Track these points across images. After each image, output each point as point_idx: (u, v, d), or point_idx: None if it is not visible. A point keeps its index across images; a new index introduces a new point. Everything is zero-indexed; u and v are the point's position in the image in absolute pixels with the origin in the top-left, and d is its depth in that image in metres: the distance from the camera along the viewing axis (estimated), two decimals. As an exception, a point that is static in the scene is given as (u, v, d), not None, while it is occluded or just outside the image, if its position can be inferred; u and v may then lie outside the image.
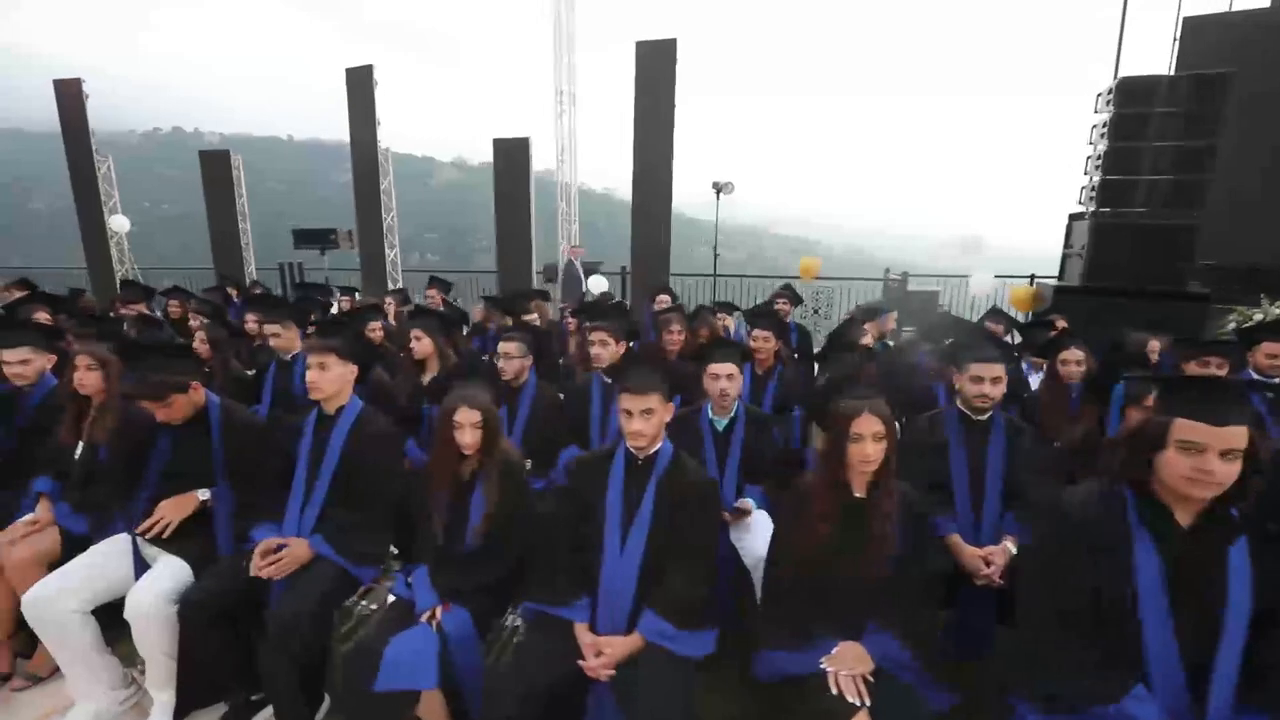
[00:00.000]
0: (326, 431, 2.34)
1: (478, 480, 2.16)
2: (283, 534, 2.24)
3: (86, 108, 8.23)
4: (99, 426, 2.60)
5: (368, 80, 7.85)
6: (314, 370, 2.26)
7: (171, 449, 2.36)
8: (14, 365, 2.77)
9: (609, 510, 1.95)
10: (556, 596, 1.93)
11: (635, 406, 1.88)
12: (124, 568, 2.22)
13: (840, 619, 1.81)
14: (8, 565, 2.30)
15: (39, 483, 2.57)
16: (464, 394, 2.11)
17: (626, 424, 1.90)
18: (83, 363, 2.59)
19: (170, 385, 2.25)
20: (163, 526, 2.20)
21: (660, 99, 6.84)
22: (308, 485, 2.30)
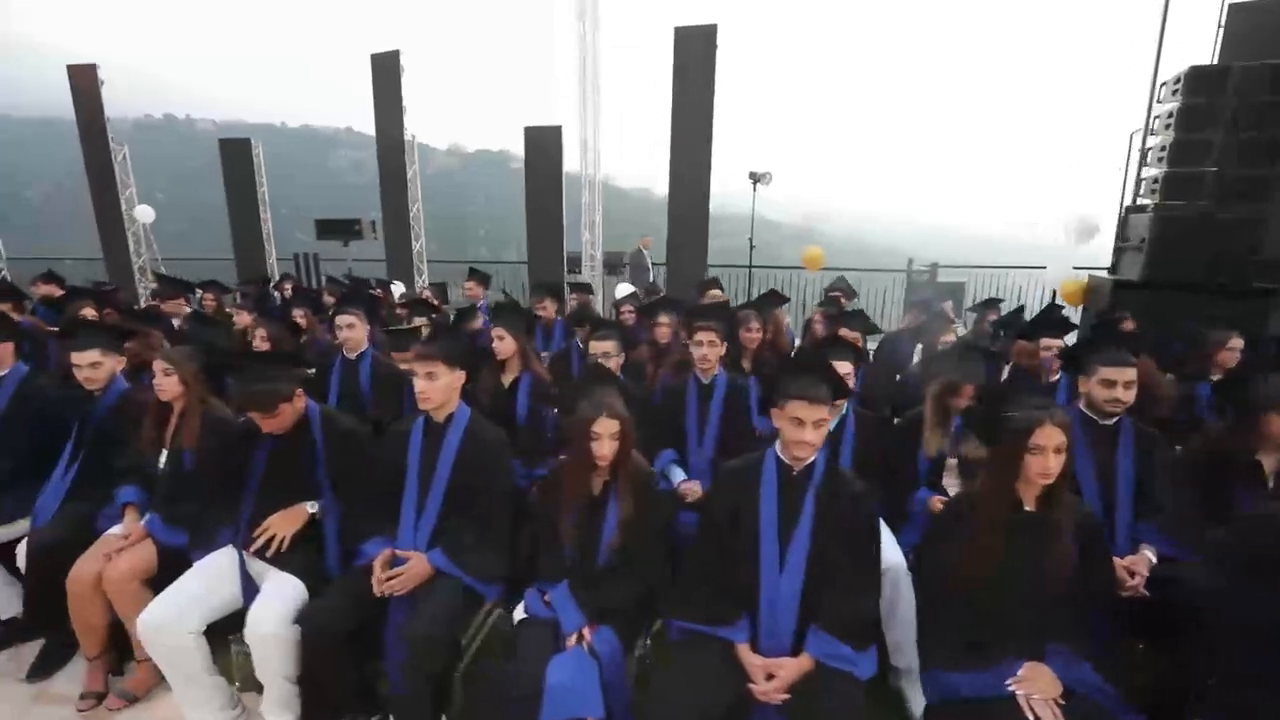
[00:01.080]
0: (436, 440, 2.22)
1: (610, 493, 2.06)
2: (397, 548, 2.12)
3: (102, 95, 7.97)
4: (183, 434, 2.48)
5: (394, 67, 7.61)
6: (422, 380, 2.14)
7: (272, 460, 2.24)
8: (84, 368, 2.64)
9: (764, 523, 1.84)
10: (714, 615, 1.83)
11: (810, 416, 1.76)
12: (233, 585, 2.11)
13: (1016, 638, 1.72)
14: (108, 581, 2.18)
15: (125, 493, 2.44)
16: (602, 401, 1.99)
17: (796, 433, 1.78)
18: (160, 368, 2.46)
19: (281, 395, 2.13)
20: (278, 542, 2.09)
21: (699, 86, 6.68)
22: (420, 497, 2.19)
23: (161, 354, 2.48)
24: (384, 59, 7.67)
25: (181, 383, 2.48)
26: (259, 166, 8.37)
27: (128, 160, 8.61)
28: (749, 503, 1.88)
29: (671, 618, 1.92)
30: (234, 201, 8.44)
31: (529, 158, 7.51)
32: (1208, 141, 4.77)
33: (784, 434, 1.82)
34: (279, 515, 2.13)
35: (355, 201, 70.19)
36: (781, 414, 1.81)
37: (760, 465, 1.93)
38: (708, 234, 7.08)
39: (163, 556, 2.30)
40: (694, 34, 6.66)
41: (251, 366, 2.15)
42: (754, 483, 1.90)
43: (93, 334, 2.73)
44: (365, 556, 2.11)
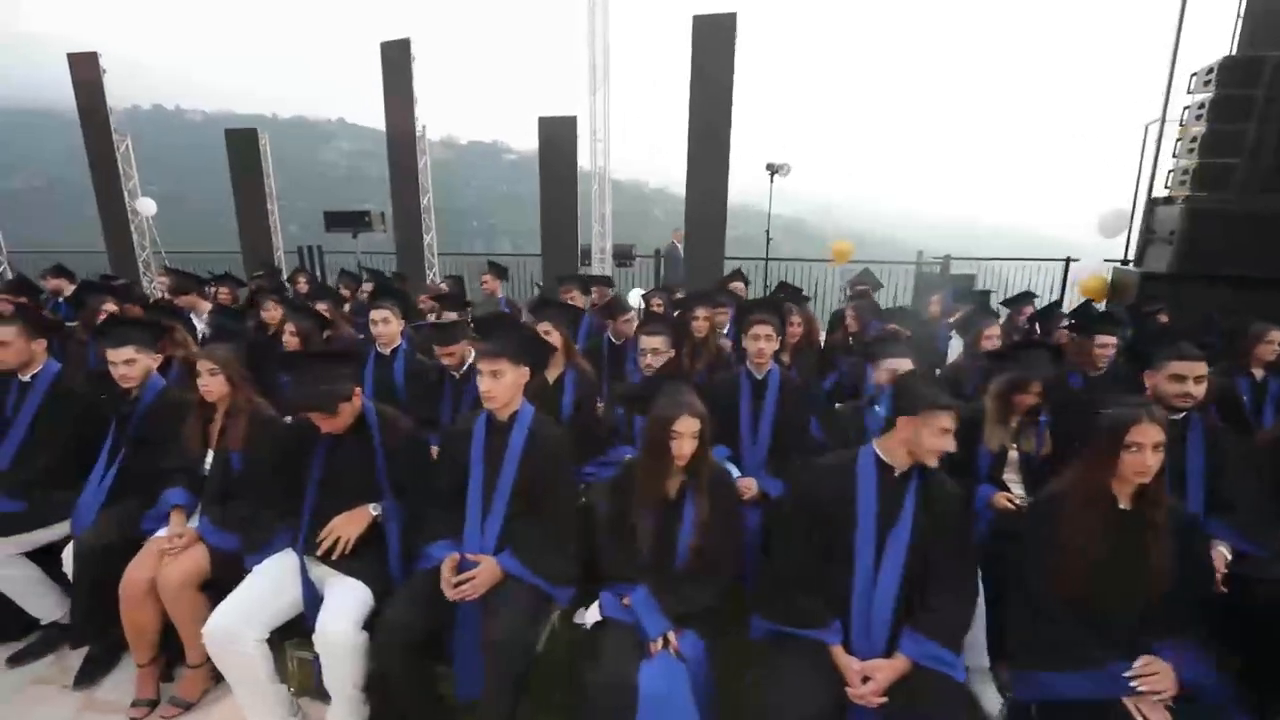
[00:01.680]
0: (501, 439, 2.15)
1: (687, 493, 2.00)
2: (463, 550, 2.06)
3: (104, 84, 7.77)
4: (230, 434, 2.40)
5: (405, 56, 7.46)
6: (488, 380, 2.06)
7: (329, 461, 2.17)
8: (119, 366, 2.55)
9: (862, 523, 1.79)
10: (807, 617, 1.78)
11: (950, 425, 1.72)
12: (294, 590, 2.04)
13: (1118, 638, 1.69)
14: (164, 587, 2.10)
15: (172, 495, 2.36)
16: (683, 399, 1.93)
17: (938, 442, 1.73)
18: (205, 367, 2.37)
19: (341, 394, 2.05)
20: (342, 545, 2.02)
21: (718, 75, 6.57)
22: (486, 497, 2.12)
23: (205, 353, 2.40)
24: (393, 48, 7.51)
25: (228, 382, 2.40)
26: (265, 157, 8.21)
27: (130, 151, 8.42)
28: (844, 501, 1.83)
29: (764, 619, 1.86)
30: (240, 193, 8.28)
31: (543, 148, 7.39)
32: (1241, 132, 4.73)
33: (921, 441, 1.75)
34: (343, 518, 2.06)
35: (352, 194, 69.51)
36: (922, 422, 1.75)
37: (855, 463, 1.87)
38: (725, 226, 7.00)
39: (215, 560, 2.22)
40: (713, 22, 6.56)
41: (311, 366, 2.06)
42: (850, 481, 1.84)
43: (127, 331, 2.63)
44: (430, 560, 2.04)
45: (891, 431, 1.84)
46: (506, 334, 2.12)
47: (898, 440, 1.82)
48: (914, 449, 1.79)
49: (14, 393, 2.73)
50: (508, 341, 2.07)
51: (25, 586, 2.43)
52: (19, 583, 2.42)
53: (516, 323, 2.35)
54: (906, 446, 1.80)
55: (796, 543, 1.87)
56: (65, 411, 2.71)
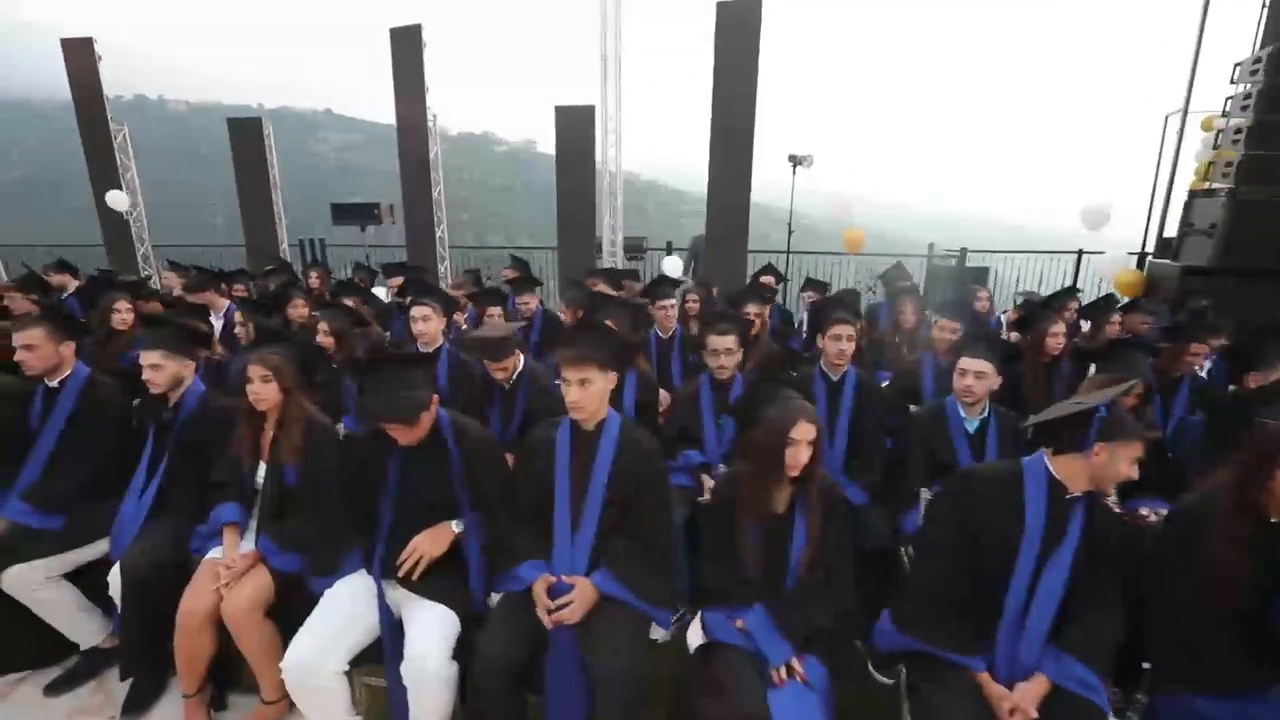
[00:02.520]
0: (588, 450, 2.00)
1: (796, 504, 1.86)
2: (553, 571, 1.91)
3: (100, 71, 7.42)
4: (284, 446, 2.23)
5: (416, 42, 7.21)
6: (576, 389, 1.91)
7: (403, 475, 2.00)
8: (146, 369, 2.37)
9: (1026, 542, 1.66)
10: (956, 640, 1.65)
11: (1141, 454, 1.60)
12: (370, 616, 1.88)
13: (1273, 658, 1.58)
14: (231, 615, 1.94)
15: (225, 511, 2.19)
16: (798, 405, 1.79)
17: (1128, 470, 1.60)
18: (256, 374, 2.20)
19: (423, 403, 1.89)
20: (423, 566, 1.87)
21: (742, 64, 6.39)
22: (574, 513, 1.97)
23: (258, 358, 2.22)
24: (404, 34, 7.25)
25: (281, 390, 2.23)
26: (270, 148, 7.92)
27: (128, 141, 8.09)
28: (1008, 519, 1.69)
29: (906, 634, 1.72)
30: (243, 184, 7.98)
31: (560, 139, 7.18)
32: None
33: (1112, 468, 1.61)
34: (425, 537, 1.90)
35: (342, 186, 68.08)
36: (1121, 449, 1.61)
37: (1022, 480, 1.74)
38: (749, 219, 6.85)
39: (277, 584, 2.06)
40: (738, 9, 6.38)
41: (390, 372, 1.89)
42: (1016, 499, 1.71)
43: (159, 333, 2.44)
44: (520, 581, 1.89)
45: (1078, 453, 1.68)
46: (594, 339, 1.96)
47: (1084, 463, 1.66)
48: (1099, 474, 1.65)
49: (41, 400, 2.54)
50: (596, 347, 1.92)
51: (65, 611, 2.25)
52: (59, 607, 2.23)
53: (604, 326, 2.19)
54: (1092, 470, 1.66)
55: (947, 558, 1.73)
56: (97, 419, 2.52)
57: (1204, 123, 7.37)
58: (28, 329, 2.45)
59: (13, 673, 2.29)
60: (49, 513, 2.34)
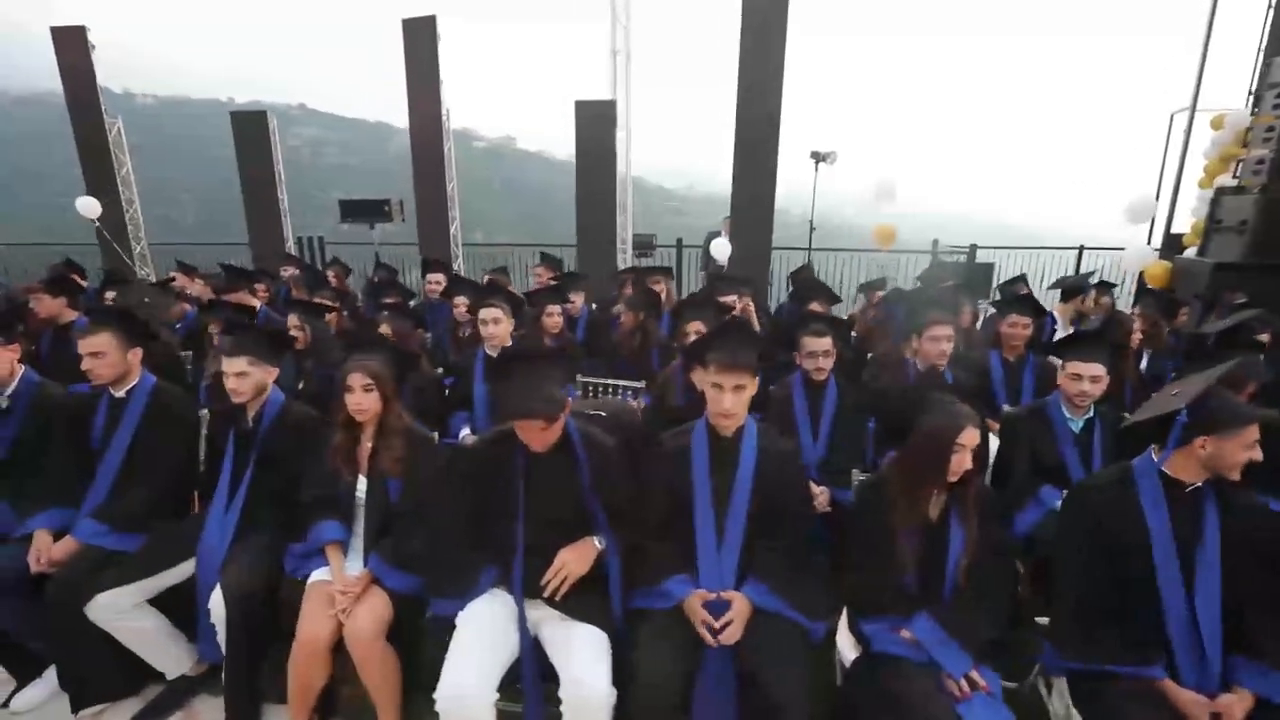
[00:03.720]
0: (729, 457, 1.91)
1: (952, 510, 1.80)
2: (701, 585, 1.82)
3: (94, 62, 7.04)
4: (384, 458, 2.10)
5: (430, 34, 6.98)
6: (730, 396, 1.82)
7: (531, 486, 1.88)
8: (230, 378, 2.21)
9: (1158, 545, 1.62)
10: (1134, 654, 1.60)
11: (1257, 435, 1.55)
12: (510, 638, 1.76)
13: None
14: (356, 642, 1.81)
15: (327, 529, 2.05)
16: (963, 410, 1.72)
17: (1247, 455, 1.55)
18: (358, 382, 2.06)
19: (563, 401, 1.78)
20: (569, 585, 1.76)
21: (769, 56, 6.32)
22: (718, 522, 1.88)
23: (360, 366, 2.08)
24: (417, 25, 7.02)
25: (382, 398, 2.10)
26: (274, 143, 7.63)
27: (122, 135, 7.70)
28: (1129, 523, 1.66)
29: (1071, 659, 1.67)
30: (247, 180, 7.67)
31: (580, 134, 7.03)
32: (1321, 120, 4.72)
33: (1226, 456, 1.57)
34: (571, 553, 1.79)
35: (319, 182, 66.24)
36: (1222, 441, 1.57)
37: (1133, 482, 1.70)
38: (773, 215, 6.79)
39: (395, 606, 1.93)
40: (764, 6, 6.30)
41: (530, 367, 1.77)
42: (1130, 501, 1.67)
43: (243, 339, 2.29)
44: (668, 598, 1.79)
45: (1182, 447, 1.66)
46: (748, 344, 1.86)
47: (1192, 456, 1.64)
48: (1214, 464, 1.62)
49: (105, 411, 2.36)
50: (750, 353, 1.82)
51: (152, 638, 2.09)
52: (146, 634, 2.07)
53: (752, 330, 2.10)
54: (1203, 462, 1.63)
55: (1085, 576, 1.69)
56: (168, 431, 2.36)
57: (1213, 121, 7.51)
58: (95, 334, 2.27)
59: (92, 705, 2.11)
60: (124, 533, 2.18)
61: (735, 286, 3.57)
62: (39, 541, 2.13)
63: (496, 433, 1.94)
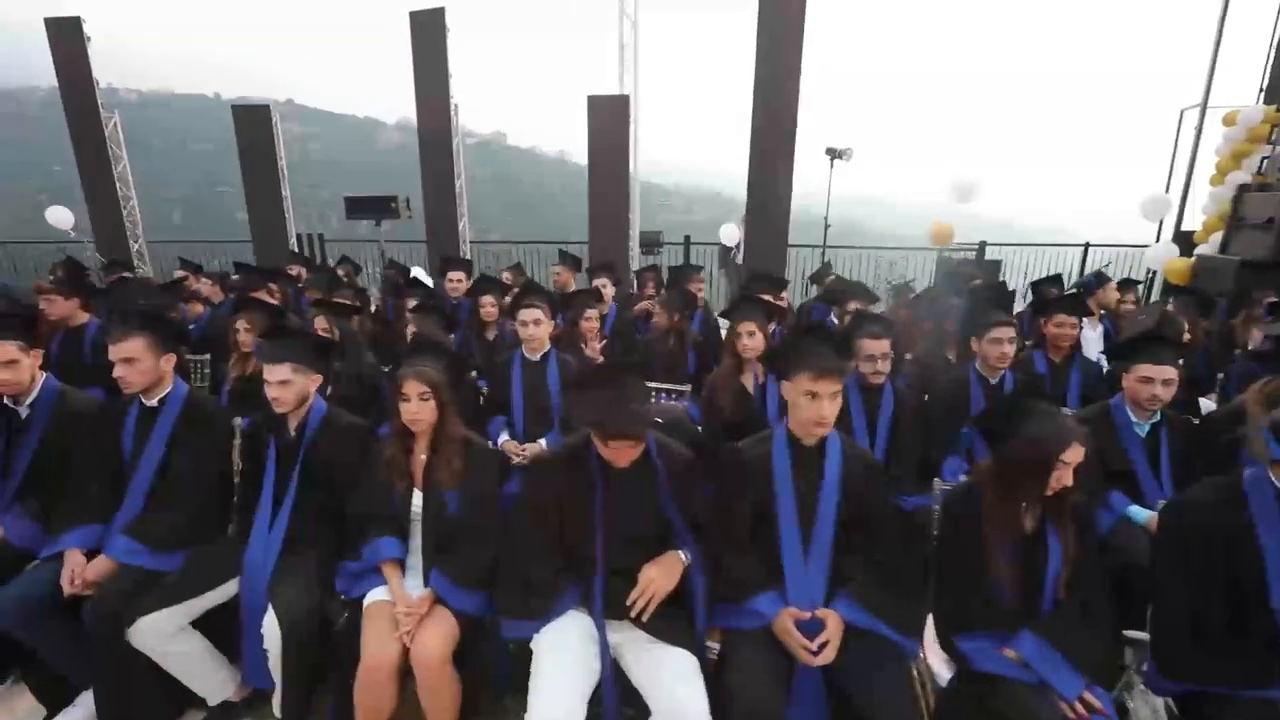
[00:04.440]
0: (812, 467, 1.82)
1: (1047, 524, 1.72)
2: (790, 601, 1.73)
3: (89, 53, 6.80)
4: (442, 470, 1.99)
5: (439, 26, 6.82)
6: (828, 403, 1.73)
7: (608, 501, 1.78)
8: (273, 386, 2.09)
9: (1270, 555, 1.54)
10: (1245, 677, 1.52)
11: None
12: (592, 662, 1.66)
13: None
14: (425, 667, 1.70)
15: (385, 546, 1.94)
16: (1073, 426, 1.64)
17: None
18: (415, 391, 1.95)
19: (649, 416, 1.67)
20: (656, 604, 1.66)
21: (786, 51, 6.22)
22: (804, 537, 1.79)
23: (415, 373, 1.96)
24: (425, 17, 6.85)
25: (439, 407, 1.98)
26: (278, 137, 7.43)
27: (119, 130, 7.47)
28: (1239, 533, 1.57)
29: (1178, 679, 1.60)
30: (250, 177, 7.47)
31: (592, 129, 6.91)
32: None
33: None
34: (656, 570, 1.68)
35: (312, 179, 65.62)
36: None
37: (1243, 498, 1.62)
38: (789, 214, 6.71)
39: (461, 627, 1.82)
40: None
41: (616, 380, 1.66)
42: (1239, 519, 1.58)
43: (287, 344, 2.16)
44: (757, 617, 1.70)
45: None
46: (840, 349, 1.77)
47: None
48: None
49: (135, 421, 2.23)
50: (846, 359, 1.73)
51: (196, 663, 1.96)
52: (190, 659, 1.95)
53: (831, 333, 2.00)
54: None
55: (1194, 592, 1.61)
56: (203, 442, 2.23)
57: (1226, 117, 7.52)
58: (127, 339, 2.13)
59: (129, 735, 1.99)
60: (160, 550, 2.05)
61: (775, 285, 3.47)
62: (72, 561, 2.00)
63: (569, 446, 1.84)
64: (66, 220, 7.67)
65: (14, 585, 1.96)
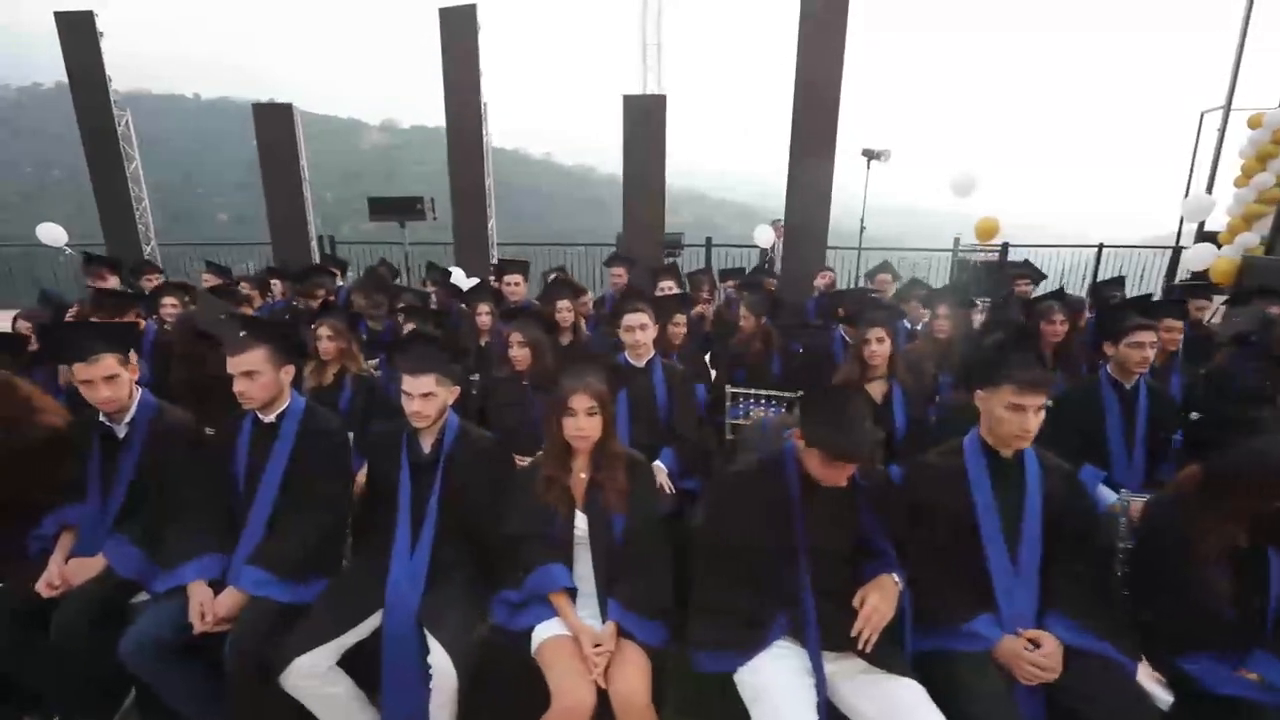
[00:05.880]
0: (1012, 476, 1.73)
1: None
2: (1005, 628, 1.62)
3: (102, 49, 6.51)
4: (607, 490, 1.86)
5: (470, 23, 6.65)
6: (1032, 416, 1.64)
7: (811, 521, 1.66)
8: (413, 400, 1.94)
9: None
10: None
11: None
12: (809, 697, 1.54)
13: None
14: (632, 704, 1.56)
15: (555, 574, 1.79)
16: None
17: None
18: (582, 405, 1.83)
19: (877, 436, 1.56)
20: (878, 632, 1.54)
21: (828, 51, 6.15)
22: (1012, 555, 1.68)
23: (584, 387, 1.82)
24: (455, 13, 6.67)
25: (604, 421, 1.85)
26: (300, 138, 7.18)
27: (131, 128, 7.17)
28: None
29: None
30: (270, 177, 7.21)
31: (628, 129, 6.78)
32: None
33: None
34: (876, 593, 1.57)
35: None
36: None
37: None
38: (829, 215, 6.63)
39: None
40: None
41: (848, 401, 1.54)
42: None
43: (426, 352, 2.00)
44: (978, 640, 1.60)
45: None
46: (1040, 360, 1.67)
47: None
48: None
49: (249, 438, 2.06)
50: (1047, 369, 1.64)
51: (344, 704, 1.79)
52: (338, 701, 1.77)
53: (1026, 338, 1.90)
54: None
55: None
56: (327, 460, 2.07)
57: (1251, 120, 7.62)
58: (247, 351, 1.97)
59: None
60: (293, 581, 1.89)
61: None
62: (199, 595, 1.83)
63: (762, 461, 1.71)
64: (59, 237, 7.33)
65: (142, 623, 1.79)
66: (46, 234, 7.27)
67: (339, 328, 3.00)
